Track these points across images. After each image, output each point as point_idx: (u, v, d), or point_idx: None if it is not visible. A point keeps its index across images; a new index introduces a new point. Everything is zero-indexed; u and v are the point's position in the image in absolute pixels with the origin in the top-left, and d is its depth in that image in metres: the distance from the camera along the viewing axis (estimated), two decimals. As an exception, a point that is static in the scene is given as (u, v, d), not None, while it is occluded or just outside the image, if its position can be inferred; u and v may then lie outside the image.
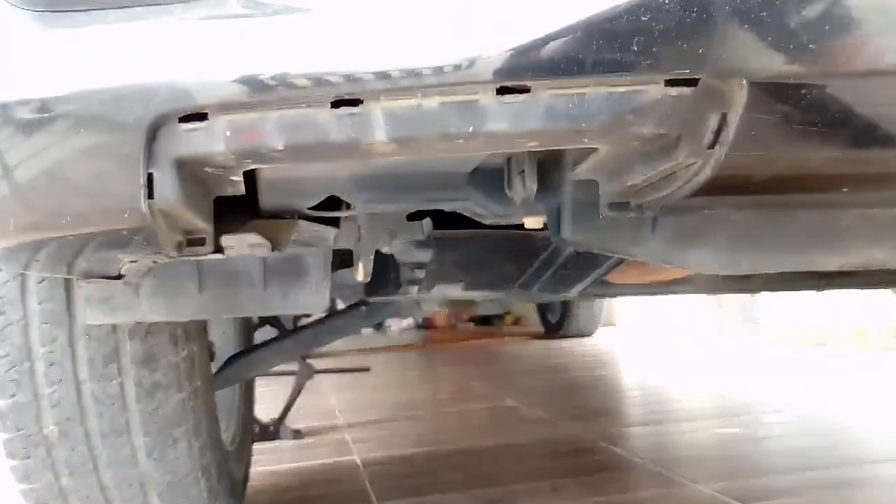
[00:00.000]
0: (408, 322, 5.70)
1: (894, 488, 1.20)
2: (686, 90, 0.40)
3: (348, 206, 0.61)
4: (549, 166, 0.54)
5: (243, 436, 1.33)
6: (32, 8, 0.44)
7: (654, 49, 0.38)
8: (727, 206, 0.49)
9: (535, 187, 0.54)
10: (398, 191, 0.60)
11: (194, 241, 0.53)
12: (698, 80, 0.40)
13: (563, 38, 0.38)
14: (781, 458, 1.48)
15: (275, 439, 1.92)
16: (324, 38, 0.41)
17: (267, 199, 0.58)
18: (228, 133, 0.42)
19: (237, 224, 0.56)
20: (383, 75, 0.40)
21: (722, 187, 0.45)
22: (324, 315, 1.55)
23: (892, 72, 0.39)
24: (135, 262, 0.61)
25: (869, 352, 3.14)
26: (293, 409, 2.04)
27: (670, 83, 0.40)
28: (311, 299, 0.68)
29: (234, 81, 0.41)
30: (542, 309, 4.33)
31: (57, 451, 0.85)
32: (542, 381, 2.73)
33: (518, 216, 0.61)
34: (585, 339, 4.05)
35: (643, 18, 0.38)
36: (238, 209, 0.56)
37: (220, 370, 1.23)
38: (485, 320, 6.07)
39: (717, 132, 0.42)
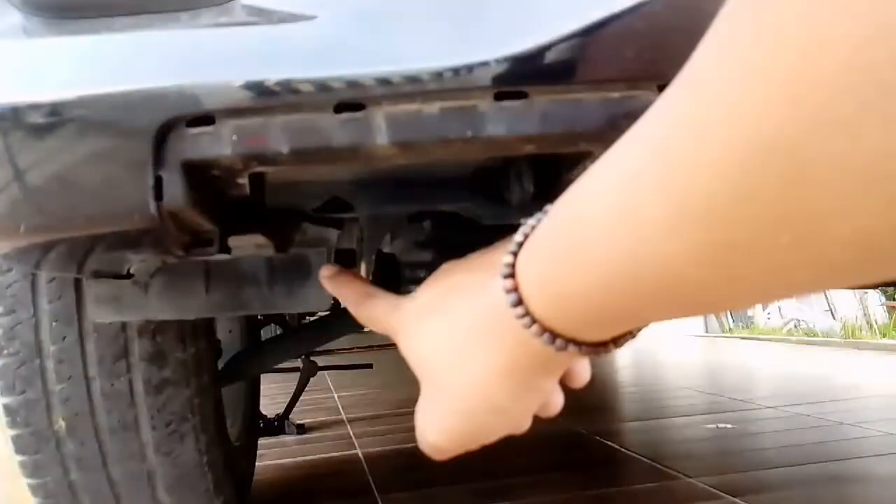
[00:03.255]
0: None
1: (886, 483, 1.21)
2: (678, 95, 0.41)
3: (351, 208, 0.62)
4: (546, 169, 0.55)
5: (249, 431, 1.35)
6: (42, 14, 0.45)
7: (647, 55, 0.39)
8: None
9: (532, 190, 0.55)
10: (399, 193, 0.61)
11: (201, 242, 0.54)
12: (690, 85, 0.41)
13: (560, 46, 0.39)
14: (774, 452, 1.49)
15: (279, 434, 1.94)
16: (327, 44, 0.42)
17: (272, 201, 0.59)
18: (235, 137, 0.43)
19: (243, 225, 0.57)
20: (385, 81, 0.41)
21: (714, 189, 0.46)
22: (327, 313, 1.56)
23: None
24: (143, 261, 0.63)
25: (860, 349, 3.14)
26: (297, 404, 2.06)
27: (663, 88, 0.41)
28: (314, 298, 0.69)
29: (240, 87, 0.42)
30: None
31: (66, 447, 0.86)
32: (542, 377, 2.73)
33: (516, 217, 0.62)
34: (583, 337, 4.05)
35: (636, 26, 0.39)
36: (244, 210, 0.57)
37: (226, 367, 1.24)
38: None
39: (709, 136, 0.43)
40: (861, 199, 0.17)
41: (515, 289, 0.29)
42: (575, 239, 0.25)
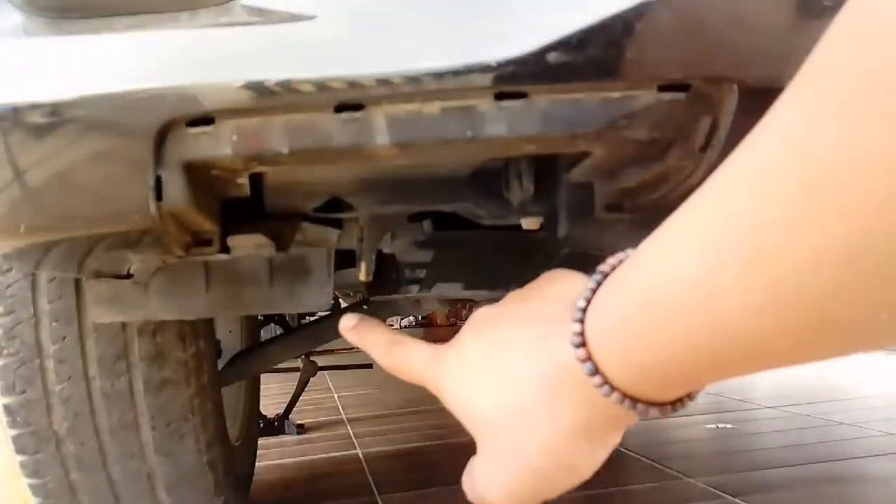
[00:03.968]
0: (408, 320, 5.71)
1: (885, 483, 1.21)
2: (678, 95, 0.41)
3: (351, 208, 0.62)
4: (545, 169, 0.55)
5: (249, 431, 1.35)
6: (43, 14, 0.45)
7: (648, 56, 0.39)
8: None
9: (532, 189, 0.55)
10: (399, 193, 0.61)
11: (202, 242, 0.55)
12: (690, 85, 0.41)
13: (560, 46, 0.39)
14: (774, 452, 1.48)
15: (279, 434, 1.94)
16: (327, 44, 0.42)
17: (272, 201, 0.59)
18: (235, 137, 0.44)
19: (243, 225, 0.57)
20: (385, 81, 0.41)
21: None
22: (327, 313, 1.56)
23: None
24: (143, 261, 0.63)
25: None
26: (297, 404, 2.06)
27: (663, 89, 0.41)
28: (314, 298, 0.69)
29: (240, 87, 0.42)
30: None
31: (66, 447, 0.86)
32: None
33: (516, 217, 0.63)
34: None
35: (636, 26, 0.39)
36: (244, 210, 0.57)
37: (226, 367, 1.24)
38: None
39: (709, 136, 0.43)
40: None
41: (589, 358, 0.29)
42: (654, 313, 0.26)
